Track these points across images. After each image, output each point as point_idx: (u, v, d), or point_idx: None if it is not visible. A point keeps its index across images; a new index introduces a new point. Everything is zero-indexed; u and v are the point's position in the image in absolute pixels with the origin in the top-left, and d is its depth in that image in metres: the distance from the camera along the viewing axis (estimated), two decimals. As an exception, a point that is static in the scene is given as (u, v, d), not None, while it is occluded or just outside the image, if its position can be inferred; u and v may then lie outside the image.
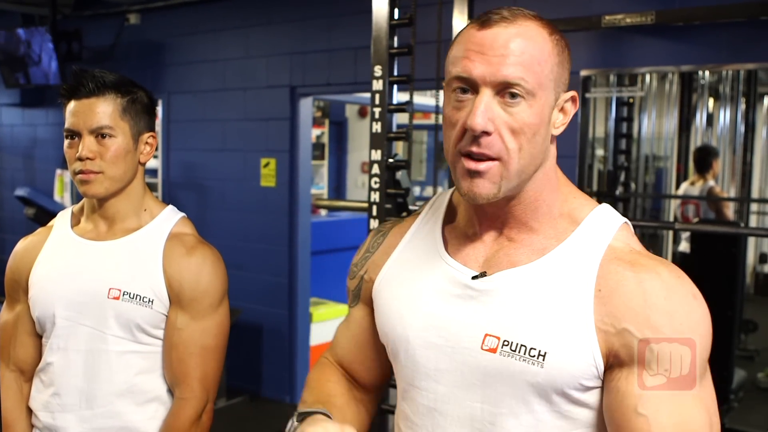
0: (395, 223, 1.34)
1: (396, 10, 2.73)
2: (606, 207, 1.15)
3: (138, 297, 1.66)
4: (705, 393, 1.05)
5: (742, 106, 5.34)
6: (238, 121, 5.12)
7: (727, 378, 3.90)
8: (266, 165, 4.96)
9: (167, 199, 5.31)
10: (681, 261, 5.13)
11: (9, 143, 6.79)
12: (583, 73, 3.63)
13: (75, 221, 1.80)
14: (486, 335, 1.09)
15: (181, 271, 1.69)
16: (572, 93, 1.12)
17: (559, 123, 1.12)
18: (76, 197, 5.73)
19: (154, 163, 5.52)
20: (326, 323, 5.16)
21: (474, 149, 1.05)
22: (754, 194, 5.52)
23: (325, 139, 8.85)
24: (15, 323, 1.79)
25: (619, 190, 4.52)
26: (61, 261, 1.73)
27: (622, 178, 4.62)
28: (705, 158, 5.11)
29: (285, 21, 4.84)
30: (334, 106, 8.75)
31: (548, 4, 3.65)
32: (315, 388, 1.30)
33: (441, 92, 3.04)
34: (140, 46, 5.59)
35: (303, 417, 1.14)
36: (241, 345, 4.88)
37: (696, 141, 5.51)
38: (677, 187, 5.41)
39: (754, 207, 5.57)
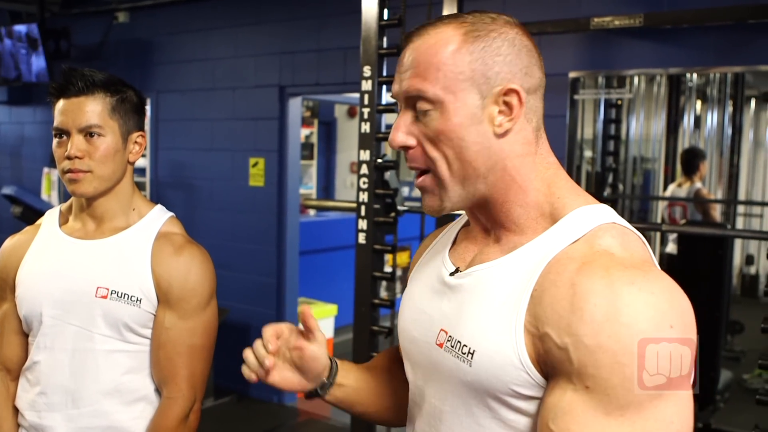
0: (445, 225, 1.33)
1: (385, 11, 2.74)
2: (596, 206, 1.05)
3: (126, 296, 1.66)
4: (646, 425, 0.88)
5: (730, 109, 5.36)
6: (226, 121, 5.11)
7: (713, 379, 3.93)
8: (255, 165, 4.95)
9: (155, 198, 5.31)
10: (668, 262, 5.15)
11: (-4, 141, 6.76)
12: (572, 74, 3.64)
13: (63, 220, 1.79)
14: (441, 330, 1.08)
15: (170, 270, 1.69)
16: (509, 85, 1.04)
17: (502, 120, 1.04)
18: (64, 196, 5.70)
19: (142, 162, 5.50)
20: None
21: (408, 164, 1.08)
22: (741, 196, 5.54)
23: (314, 139, 8.84)
24: (1, 322, 1.78)
25: (607, 192, 4.53)
26: (49, 259, 1.73)
27: (610, 179, 4.64)
28: (692, 160, 5.13)
29: (274, 21, 4.84)
30: (324, 106, 8.75)
31: (536, 6, 3.67)
32: (373, 360, 1.39)
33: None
34: (129, 45, 5.57)
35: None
36: (229, 344, 4.84)
37: (684, 143, 5.54)
38: (665, 188, 5.44)
39: (740, 209, 5.60)
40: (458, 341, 1.03)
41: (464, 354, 1.01)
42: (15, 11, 6.05)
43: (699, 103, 5.49)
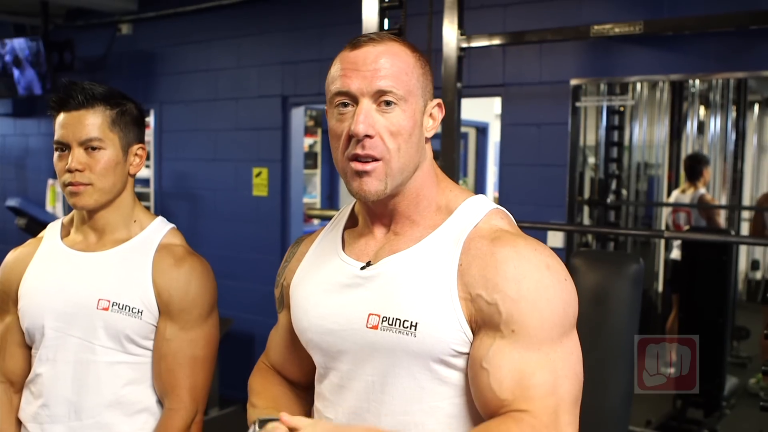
0: (309, 235, 1.50)
1: (386, 20, 2.75)
2: (479, 197, 1.30)
3: (127, 308, 1.66)
4: (556, 356, 1.14)
5: (733, 114, 5.35)
6: (229, 131, 5.11)
7: (719, 385, 3.91)
8: (258, 174, 4.96)
9: (159, 209, 5.32)
10: (672, 268, 5.13)
11: (1, 153, 6.78)
12: (573, 82, 3.64)
13: (65, 232, 1.80)
14: (369, 314, 1.23)
15: (171, 281, 1.69)
16: (438, 100, 1.30)
17: (430, 127, 1.28)
18: (68, 208, 5.70)
19: (146, 173, 5.51)
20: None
21: (359, 152, 1.21)
22: (745, 202, 5.52)
23: (318, 148, 8.83)
24: (4, 334, 1.79)
25: (610, 198, 4.53)
26: (51, 272, 1.73)
27: (614, 186, 4.63)
28: (695, 166, 5.12)
29: (276, 31, 4.85)
30: (327, 115, 8.73)
31: (537, 14, 3.68)
32: (261, 393, 1.48)
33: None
34: (132, 56, 5.59)
35: (264, 423, 1.24)
36: (234, 354, 4.86)
37: (687, 149, 5.53)
38: (669, 194, 5.42)
39: (745, 214, 5.57)
40: (396, 318, 1.20)
41: (406, 328, 1.19)
42: (19, 24, 6.07)
43: (702, 108, 5.48)
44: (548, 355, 1.13)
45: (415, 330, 1.18)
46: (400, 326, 1.19)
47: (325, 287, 1.32)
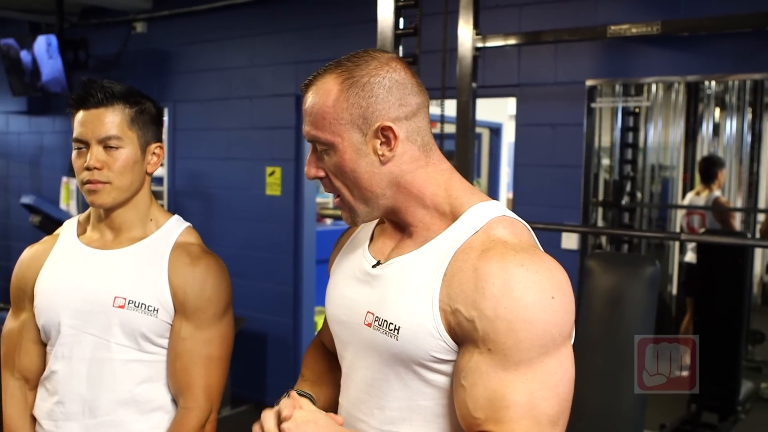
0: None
1: (401, 20, 2.74)
2: (488, 203, 1.26)
3: (143, 306, 1.66)
4: (534, 377, 1.11)
5: (749, 116, 5.32)
6: (243, 130, 5.12)
7: (734, 389, 3.88)
8: (272, 173, 4.96)
9: (173, 208, 5.33)
10: (687, 271, 5.11)
11: (16, 151, 6.81)
12: (589, 83, 3.63)
13: (81, 230, 1.80)
14: (367, 312, 1.27)
15: (186, 280, 1.69)
16: (383, 123, 1.22)
17: (384, 150, 1.23)
18: (82, 205, 5.74)
19: (159, 172, 5.52)
20: (331, 332, 5.15)
21: (324, 190, 1.31)
22: (761, 204, 5.49)
23: (331, 148, 8.85)
24: (20, 331, 1.79)
25: (625, 200, 4.51)
26: (67, 269, 1.74)
27: (628, 187, 4.61)
28: (710, 168, 5.09)
29: (290, 30, 4.85)
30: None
31: (553, 14, 3.66)
32: (309, 365, 1.57)
33: (446, 102, 3.04)
34: (146, 55, 5.61)
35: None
36: (246, 354, 4.87)
37: (702, 151, 5.50)
38: (683, 196, 5.40)
39: (760, 217, 5.54)
40: (385, 320, 1.23)
41: (391, 330, 1.21)
42: (35, 22, 6.11)
43: (717, 110, 5.45)
44: (525, 375, 1.11)
45: (398, 333, 1.20)
46: (386, 328, 1.22)
47: (346, 278, 1.37)
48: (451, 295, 1.17)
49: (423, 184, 1.27)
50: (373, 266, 1.31)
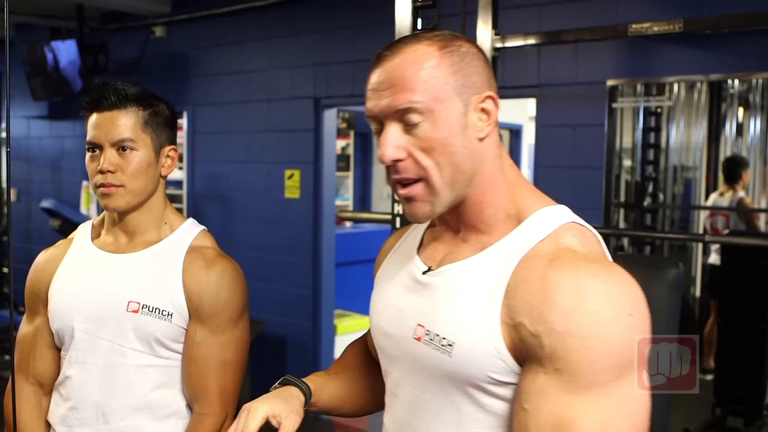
0: (406, 227, 1.43)
1: (419, 21, 2.72)
2: (555, 207, 1.16)
3: (157, 310, 1.64)
4: (607, 402, 0.98)
5: (773, 116, 5.25)
6: (262, 133, 5.12)
7: (760, 393, 3.82)
8: (290, 176, 4.96)
9: (192, 211, 5.35)
10: (711, 273, 5.04)
11: (37, 155, 6.86)
12: (610, 82, 3.58)
13: (95, 234, 1.79)
14: (417, 325, 1.16)
15: (201, 285, 1.67)
16: (487, 93, 1.14)
17: (482, 125, 1.14)
18: (101, 209, 5.76)
19: (179, 175, 5.54)
20: (351, 335, 5.13)
21: (396, 177, 1.14)
22: (786, 205, 5.41)
23: (351, 151, 8.84)
24: (34, 336, 1.78)
25: (647, 201, 4.46)
26: (81, 274, 1.72)
27: (650, 188, 4.56)
28: (734, 169, 5.02)
29: (308, 32, 4.84)
30: (360, 117, 8.74)
31: (573, 13, 3.62)
32: (341, 361, 1.49)
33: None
34: (165, 59, 5.62)
35: (284, 383, 1.34)
36: (265, 357, 4.87)
37: (726, 151, 5.43)
38: (707, 197, 5.33)
39: (785, 218, 5.47)
40: (437, 334, 1.11)
41: (443, 346, 1.10)
42: (55, 27, 6.16)
43: (741, 110, 5.38)
44: (597, 400, 0.97)
45: (451, 350, 1.08)
46: (438, 343, 1.11)
47: (393, 286, 1.27)
48: (514, 308, 1.05)
49: (499, 176, 1.17)
50: (424, 273, 1.20)
